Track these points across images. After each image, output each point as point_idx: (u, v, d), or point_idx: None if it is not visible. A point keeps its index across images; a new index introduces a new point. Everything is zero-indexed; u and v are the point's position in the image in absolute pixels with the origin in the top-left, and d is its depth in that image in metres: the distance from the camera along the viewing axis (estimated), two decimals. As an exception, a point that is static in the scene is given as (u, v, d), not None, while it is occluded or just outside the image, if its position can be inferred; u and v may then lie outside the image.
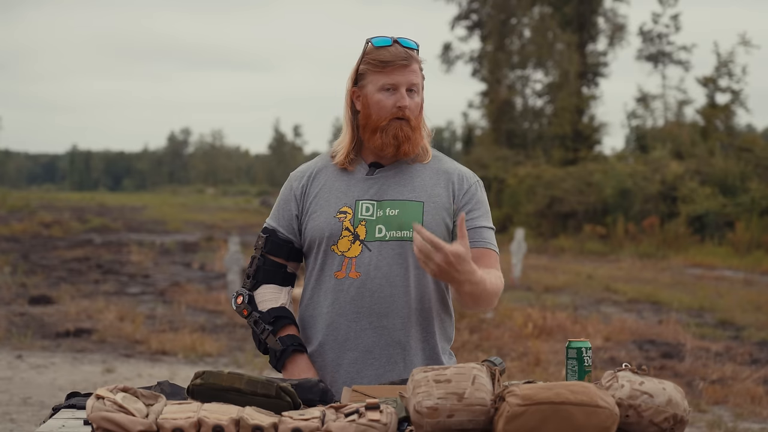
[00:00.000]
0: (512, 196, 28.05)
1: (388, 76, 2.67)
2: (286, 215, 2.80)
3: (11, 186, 78.13)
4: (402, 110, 2.66)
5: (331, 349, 2.72)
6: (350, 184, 2.74)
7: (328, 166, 2.80)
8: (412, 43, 2.72)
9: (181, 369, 8.06)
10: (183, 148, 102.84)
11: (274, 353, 2.72)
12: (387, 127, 2.68)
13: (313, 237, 2.74)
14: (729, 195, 23.22)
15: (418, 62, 2.71)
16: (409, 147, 2.70)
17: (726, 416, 6.85)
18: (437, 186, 2.74)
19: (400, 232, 2.69)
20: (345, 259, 2.69)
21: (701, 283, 15.32)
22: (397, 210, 2.70)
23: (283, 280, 2.80)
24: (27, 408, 6.66)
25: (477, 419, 2.04)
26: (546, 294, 13.40)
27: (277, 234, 2.79)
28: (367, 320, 2.68)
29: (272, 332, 2.72)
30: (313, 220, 2.74)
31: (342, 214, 2.71)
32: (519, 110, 34.48)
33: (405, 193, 2.71)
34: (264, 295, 2.77)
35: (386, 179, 2.73)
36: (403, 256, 2.68)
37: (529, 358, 8.48)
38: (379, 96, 2.68)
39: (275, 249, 2.79)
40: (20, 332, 9.43)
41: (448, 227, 2.72)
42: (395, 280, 2.68)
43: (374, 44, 2.70)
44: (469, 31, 35.86)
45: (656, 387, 2.12)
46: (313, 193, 2.77)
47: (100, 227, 26.93)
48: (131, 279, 14.41)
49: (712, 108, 28.94)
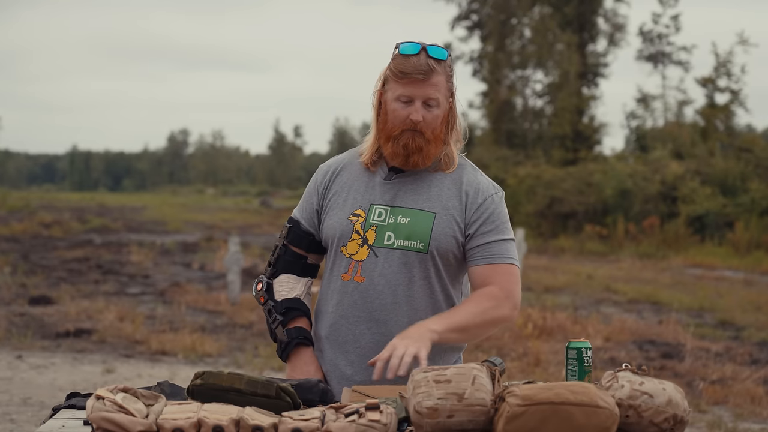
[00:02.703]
0: (512, 197, 28.02)
1: (404, 88, 2.64)
2: (308, 208, 2.82)
3: (11, 186, 78.10)
4: (415, 124, 2.64)
5: (331, 348, 2.74)
6: (368, 187, 2.74)
7: (354, 162, 2.80)
8: (441, 52, 2.66)
9: (181, 369, 8.06)
10: (183, 149, 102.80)
11: (280, 344, 2.75)
12: (399, 137, 2.66)
13: (327, 236, 2.76)
14: (729, 195, 23.21)
15: (444, 73, 2.66)
16: (420, 158, 2.68)
17: (726, 416, 6.85)
18: (452, 198, 2.71)
19: (408, 241, 2.67)
20: (352, 261, 2.70)
21: (701, 284, 15.31)
22: (408, 219, 2.68)
23: (303, 271, 2.81)
24: (27, 408, 6.66)
25: (477, 419, 2.04)
26: (546, 294, 13.40)
27: (300, 225, 2.82)
28: (366, 325, 2.69)
29: (282, 323, 2.75)
30: (329, 218, 2.75)
31: (355, 217, 2.71)
32: (519, 110, 34.48)
33: (419, 202, 2.70)
34: (281, 285, 2.79)
35: (403, 185, 2.72)
36: (409, 266, 2.67)
37: (529, 358, 8.48)
38: (395, 105, 2.66)
39: (296, 240, 2.81)
40: (20, 332, 9.43)
41: (457, 240, 2.69)
42: (398, 289, 2.67)
43: (400, 51, 2.66)
44: (469, 31, 35.86)
45: (656, 387, 2.12)
46: (333, 191, 2.78)
47: (100, 227, 26.92)
48: (131, 279, 14.41)
49: (711, 108, 28.94)
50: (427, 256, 2.67)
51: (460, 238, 2.69)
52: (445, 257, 2.69)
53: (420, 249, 2.66)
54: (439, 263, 2.68)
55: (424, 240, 2.66)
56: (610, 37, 34.35)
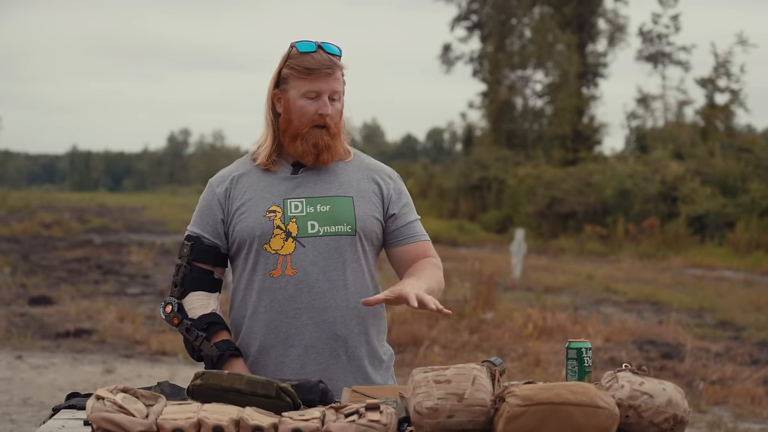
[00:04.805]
0: (512, 197, 28.05)
1: (311, 83, 2.69)
2: (210, 221, 2.78)
3: (11, 186, 78.05)
4: (323, 117, 2.70)
5: (273, 348, 2.72)
6: (276, 184, 2.75)
7: (251, 169, 2.80)
8: (335, 49, 2.74)
9: (181, 369, 8.06)
10: (183, 149, 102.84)
11: (210, 359, 2.70)
12: (307, 135, 2.71)
13: (243, 238, 2.73)
14: (729, 195, 23.21)
15: (341, 69, 2.75)
16: (329, 156, 2.74)
17: (726, 417, 6.85)
18: (363, 181, 2.78)
19: (335, 227, 2.71)
20: (279, 257, 2.70)
21: (701, 284, 15.31)
22: (328, 206, 2.72)
23: (211, 287, 2.79)
24: (27, 408, 6.66)
25: (477, 420, 2.05)
26: (546, 294, 13.40)
27: (202, 240, 2.78)
28: (308, 315, 2.70)
29: (206, 338, 2.70)
30: (242, 221, 2.73)
31: (272, 213, 2.72)
32: (519, 111, 34.50)
33: (333, 190, 2.75)
34: (193, 303, 2.76)
35: (312, 177, 2.76)
36: (339, 250, 2.71)
37: (529, 358, 8.47)
38: (301, 102, 2.71)
39: (201, 255, 2.77)
40: (20, 332, 9.43)
41: (378, 220, 2.77)
42: (332, 274, 2.70)
43: (299, 49, 2.71)
44: (469, 31, 35.89)
45: (656, 387, 2.12)
46: (238, 196, 2.76)
47: (100, 227, 26.93)
48: (131, 279, 14.41)
49: (711, 108, 28.95)
50: (356, 237, 2.73)
51: (380, 218, 2.77)
52: (369, 238, 2.76)
53: (348, 232, 2.72)
54: (366, 244, 2.75)
55: (350, 222, 2.72)
56: (610, 37, 34.37)
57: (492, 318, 10.42)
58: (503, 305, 11.14)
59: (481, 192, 30.12)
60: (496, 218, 27.83)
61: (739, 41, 28.87)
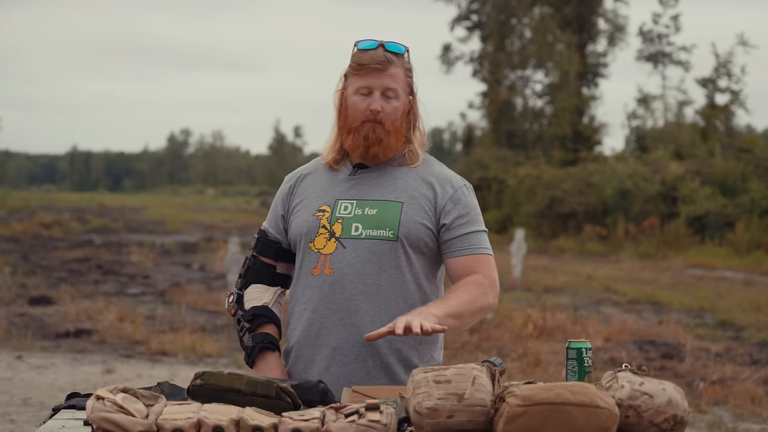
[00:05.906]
0: (512, 197, 28.05)
1: (362, 79, 2.70)
2: (274, 216, 2.86)
3: (11, 186, 78.07)
4: (374, 114, 2.68)
5: (306, 346, 2.74)
6: (333, 184, 2.77)
7: (318, 168, 2.84)
8: (398, 47, 2.72)
9: (181, 369, 8.06)
10: (183, 149, 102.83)
11: (246, 350, 2.77)
12: (360, 128, 2.70)
13: (294, 235, 2.78)
14: (729, 195, 23.22)
15: (401, 67, 2.72)
16: (380, 150, 2.71)
17: (726, 417, 6.85)
18: (419, 188, 2.73)
19: (377, 231, 2.69)
20: (321, 256, 2.71)
21: (701, 284, 15.32)
22: (375, 210, 2.70)
23: (272, 280, 2.82)
24: (27, 408, 6.66)
25: (477, 420, 2.04)
26: (546, 294, 13.40)
27: (267, 235, 2.85)
28: (338, 316, 2.69)
29: (248, 330, 2.76)
30: (295, 219, 2.78)
31: (320, 213, 2.74)
32: (519, 111, 34.50)
33: (386, 194, 2.72)
34: (251, 295, 2.81)
35: (368, 180, 2.75)
36: (378, 255, 2.68)
37: (529, 358, 8.47)
38: (354, 98, 2.71)
39: (264, 249, 2.83)
40: (20, 333, 9.42)
41: (428, 228, 2.71)
42: (367, 278, 2.68)
43: (358, 47, 2.73)
44: (469, 31, 35.88)
45: (656, 388, 2.12)
46: (299, 193, 2.81)
47: (100, 228, 26.93)
48: (131, 279, 14.41)
49: (711, 108, 28.94)
50: (397, 244, 2.68)
51: (431, 227, 2.71)
52: (416, 245, 2.70)
53: (389, 237, 2.68)
54: (410, 252, 2.70)
55: (393, 228, 2.68)
56: (610, 37, 34.36)
57: (492, 318, 10.43)
58: (503, 305, 11.13)
59: (481, 192, 30.08)
60: (496, 218, 27.82)
61: (740, 42, 28.88)
